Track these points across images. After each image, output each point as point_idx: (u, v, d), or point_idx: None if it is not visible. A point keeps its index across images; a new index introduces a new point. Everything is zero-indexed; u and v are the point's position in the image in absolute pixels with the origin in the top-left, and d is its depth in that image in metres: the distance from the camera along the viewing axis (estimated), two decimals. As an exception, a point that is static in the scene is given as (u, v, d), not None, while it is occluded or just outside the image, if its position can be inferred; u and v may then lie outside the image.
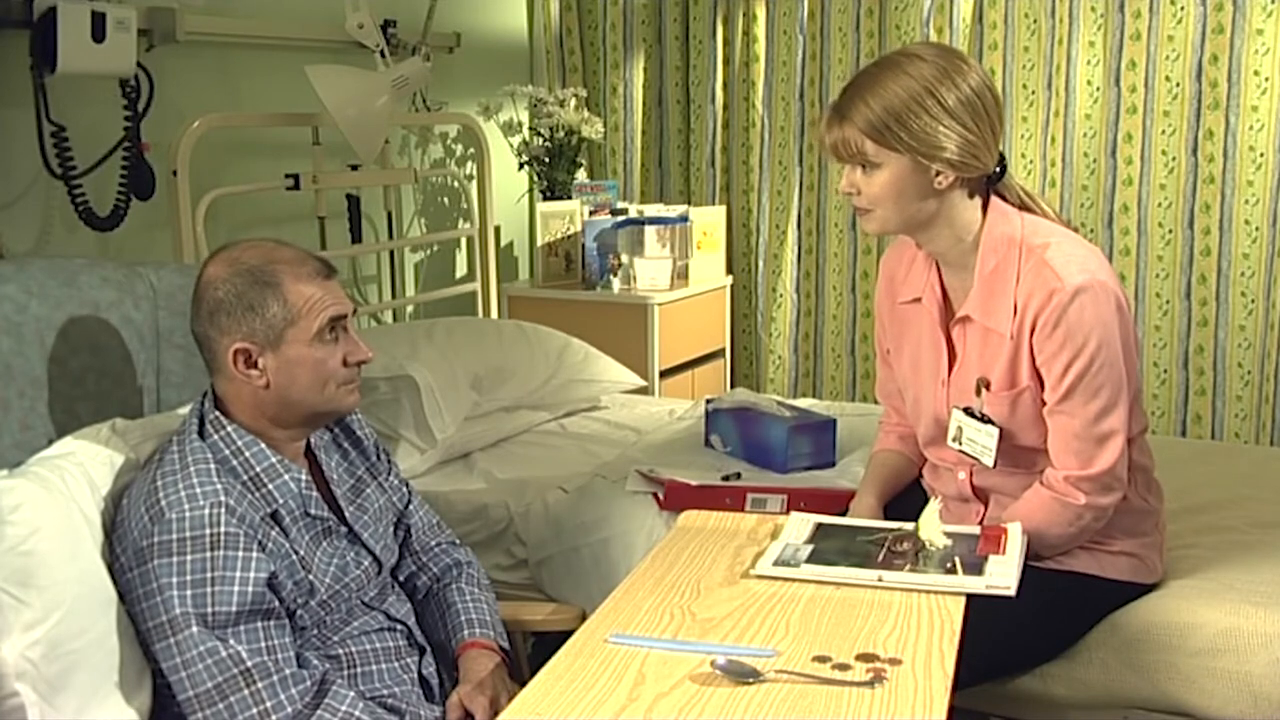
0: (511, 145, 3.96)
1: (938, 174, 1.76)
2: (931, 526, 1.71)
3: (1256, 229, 3.41)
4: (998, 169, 1.83)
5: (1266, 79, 3.32)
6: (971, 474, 1.95)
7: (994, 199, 1.84)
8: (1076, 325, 1.74)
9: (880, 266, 2.07)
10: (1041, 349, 1.78)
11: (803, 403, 3.02)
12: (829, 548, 1.72)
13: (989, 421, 1.84)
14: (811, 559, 1.68)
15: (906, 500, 2.08)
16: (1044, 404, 1.82)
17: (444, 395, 2.78)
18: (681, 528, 1.86)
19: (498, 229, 3.86)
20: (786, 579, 1.64)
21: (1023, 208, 1.86)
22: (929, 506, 1.73)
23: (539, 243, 3.80)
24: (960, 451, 1.89)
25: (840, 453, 2.62)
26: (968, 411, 1.87)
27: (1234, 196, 3.42)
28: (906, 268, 1.98)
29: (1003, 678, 1.94)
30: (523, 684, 1.41)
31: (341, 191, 3.30)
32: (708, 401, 2.83)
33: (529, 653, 1.97)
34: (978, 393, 1.85)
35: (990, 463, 1.85)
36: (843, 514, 1.97)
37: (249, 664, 1.52)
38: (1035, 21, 3.58)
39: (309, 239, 3.15)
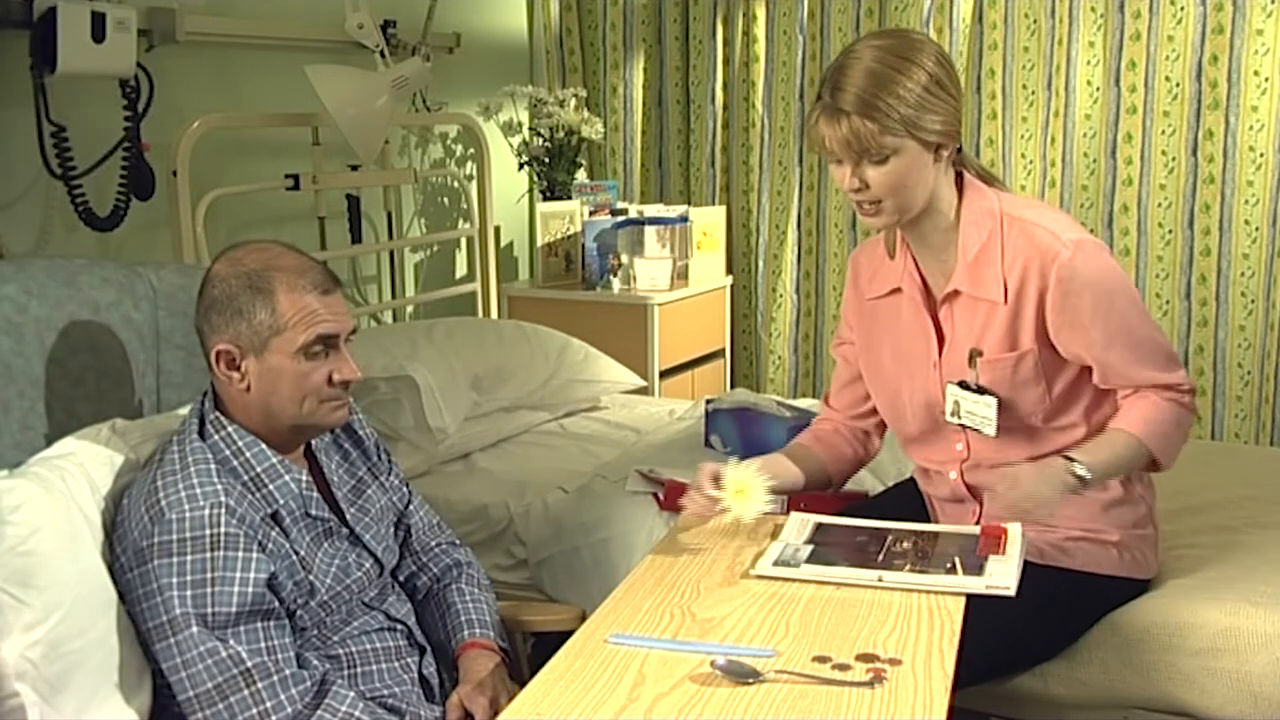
0: (511, 145, 3.96)
1: (938, 148, 1.77)
2: (746, 496, 1.72)
3: (1256, 229, 3.41)
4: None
5: (1266, 79, 3.32)
6: (963, 473, 1.94)
7: (966, 175, 1.86)
8: (1092, 278, 1.77)
9: (849, 265, 2.07)
10: (1063, 309, 1.78)
11: (803, 403, 3.02)
12: (829, 548, 1.72)
13: (985, 392, 1.85)
14: (811, 559, 1.68)
15: (906, 500, 2.08)
16: (1087, 370, 1.83)
17: (444, 395, 2.78)
18: (682, 528, 1.86)
19: (498, 229, 3.86)
20: (786, 579, 1.64)
21: (986, 182, 1.89)
22: (742, 472, 1.74)
23: (539, 243, 3.80)
24: (960, 425, 1.89)
25: (840, 453, 2.62)
26: (962, 385, 1.87)
27: (1234, 196, 3.42)
28: (876, 264, 1.98)
29: (1002, 677, 1.93)
30: (523, 684, 1.41)
31: (341, 191, 3.30)
32: (708, 401, 2.83)
33: (529, 653, 1.97)
34: (971, 363, 1.85)
35: (993, 431, 1.85)
36: (843, 514, 1.96)
37: (249, 664, 1.52)
38: (1035, 21, 3.58)
39: (309, 239, 3.15)
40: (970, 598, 1.57)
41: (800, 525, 1.81)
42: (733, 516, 1.75)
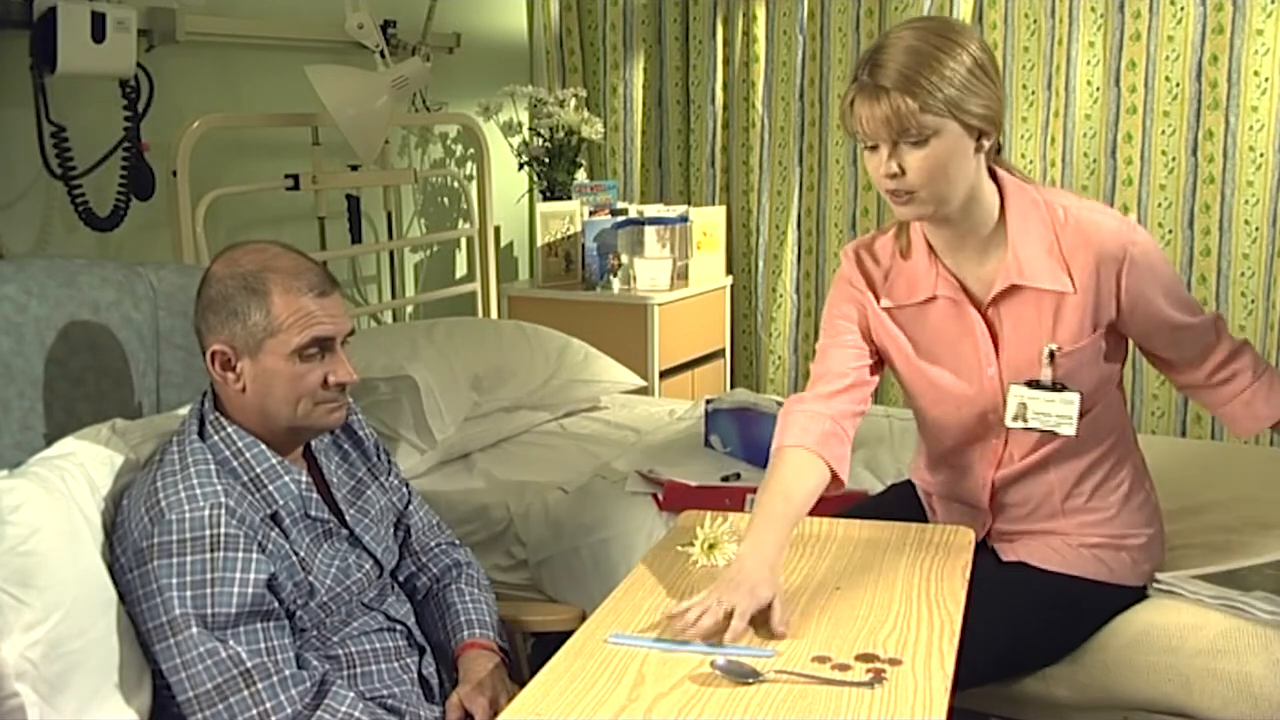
0: (511, 145, 3.96)
1: (980, 136, 1.69)
2: (717, 550, 1.69)
3: (1256, 229, 3.41)
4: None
5: (1266, 79, 3.32)
6: (994, 481, 1.89)
7: (1000, 171, 1.79)
8: (1159, 253, 1.78)
9: (846, 260, 1.91)
10: (1142, 279, 1.75)
11: (803, 403, 3.02)
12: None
13: (1064, 389, 1.78)
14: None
15: (905, 501, 2.07)
16: (1153, 351, 1.84)
17: (444, 395, 2.78)
18: (681, 528, 1.86)
19: (498, 229, 3.86)
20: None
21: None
22: (715, 530, 1.70)
23: (539, 243, 3.80)
24: (1027, 429, 1.81)
25: (840, 453, 2.61)
26: (1033, 384, 1.79)
27: (1234, 196, 3.42)
28: (887, 266, 1.87)
29: (1005, 680, 1.93)
30: (523, 684, 1.41)
31: (341, 191, 3.30)
32: (707, 402, 2.83)
33: (529, 653, 1.97)
34: (1050, 362, 1.77)
35: (1072, 431, 1.78)
36: (842, 515, 1.96)
37: (249, 665, 1.52)
38: (1035, 21, 3.58)
39: (309, 239, 3.15)
40: (968, 600, 1.57)
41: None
42: (702, 565, 1.70)
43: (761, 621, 1.50)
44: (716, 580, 1.57)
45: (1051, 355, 1.77)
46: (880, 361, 1.92)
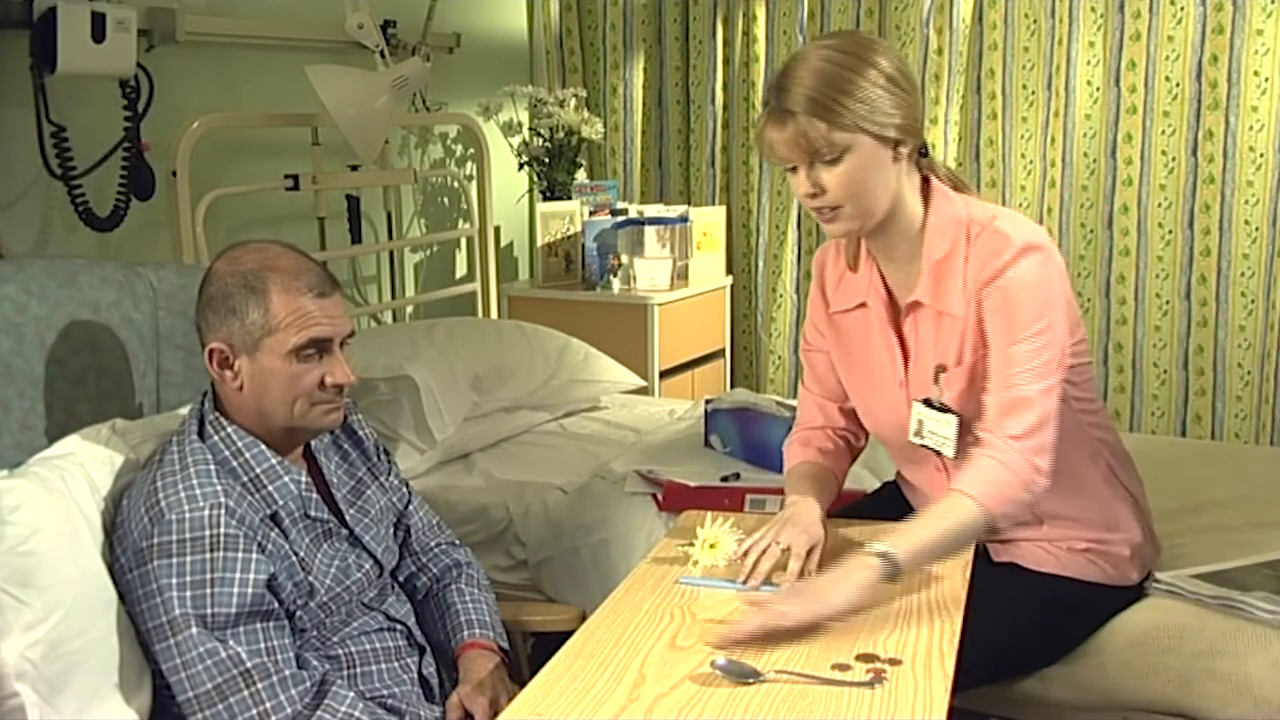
0: (511, 145, 3.96)
1: (897, 145, 1.67)
2: (717, 550, 1.69)
3: (1256, 229, 3.41)
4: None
5: (1266, 79, 3.32)
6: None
7: (933, 180, 1.77)
8: (1026, 281, 1.68)
9: (814, 265, 1.96)
10: (988, 307, 1.70)
11: (803, 403, 3.02)
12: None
13: (947, 410, 1.77)
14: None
15: (899, 500, 2.07)
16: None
17: (444, 396, 2.78)
18: (681, 528, 1.86)
19: (498, 229, 3.86)
20: None
21: (955, 188, 1.80)
22: (715, 529, 1.71)
23: (539, 243, 3.80)
24: (923, 446, 1.81)
25: (840, 453, 2.61)
26: (926, 402, 1.79)
27: (1234, 196, 3.42)
28: (840, 273, 1.90)
29: (1004, 681, 1.93)
30: (523, 684, 1.41)
31: (341, 192, 3.30)
32: (707, 402, 2.83)
33: (529, 653, 1.97)
34: (935, 380, 1.78)
35: (952, 453, 1.76)
36: (840, 515, 1.96)
37: (249, 665, 1.52)
38: (1035, 21, 3.58)
39: (309, 239, 3.15)
40: (969, 603, 1.57)
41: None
42: (701, 566, 1.70)
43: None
44: (770, 521, 1.74)
45: (936, 375, 1.77)
46: None
